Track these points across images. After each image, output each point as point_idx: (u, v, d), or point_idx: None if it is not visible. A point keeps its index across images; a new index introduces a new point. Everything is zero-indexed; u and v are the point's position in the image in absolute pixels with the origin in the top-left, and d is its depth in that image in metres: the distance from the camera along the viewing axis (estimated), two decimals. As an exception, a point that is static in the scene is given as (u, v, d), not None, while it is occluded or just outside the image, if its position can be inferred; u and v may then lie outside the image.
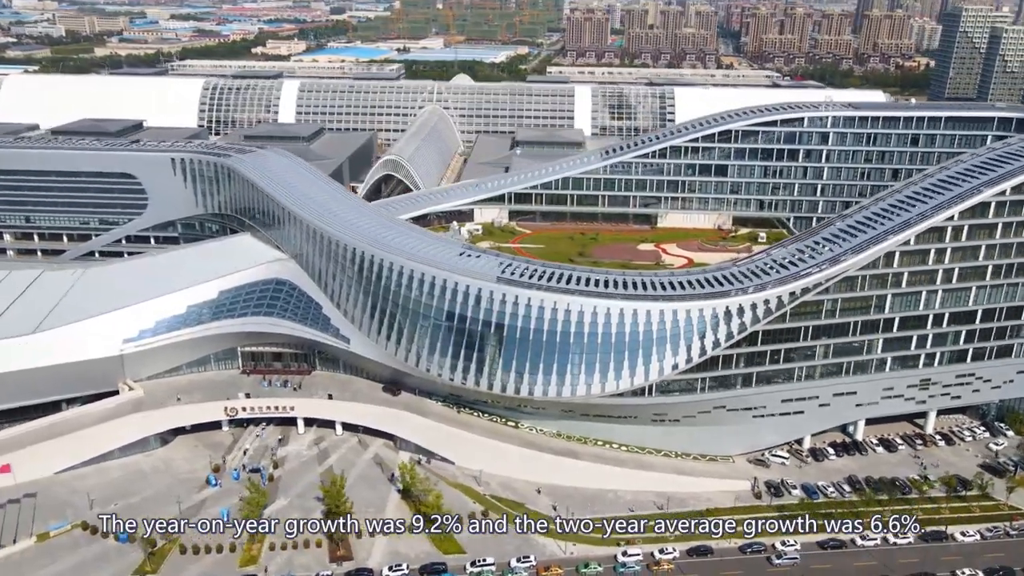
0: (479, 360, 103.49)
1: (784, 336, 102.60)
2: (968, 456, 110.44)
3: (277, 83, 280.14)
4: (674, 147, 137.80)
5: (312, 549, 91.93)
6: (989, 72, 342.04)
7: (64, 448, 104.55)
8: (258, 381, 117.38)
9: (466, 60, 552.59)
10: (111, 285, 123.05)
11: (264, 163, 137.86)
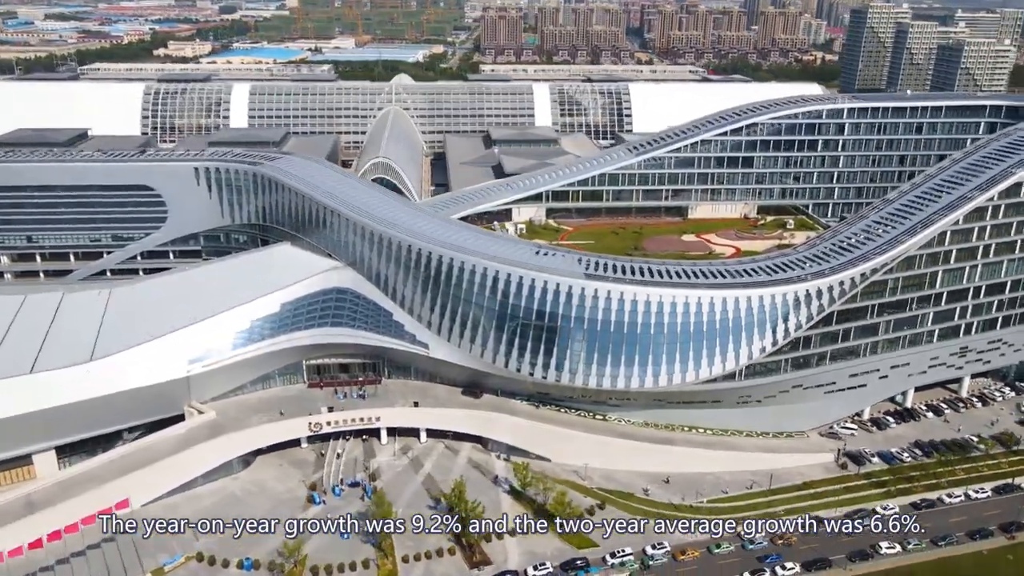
0: (572, 356, 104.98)
1: (854, 315, 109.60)
2: (1004, 415, 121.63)
3: (226, 86, 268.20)
4: (704, 141, 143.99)
5: (446, 557, 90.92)
6: (897, 64, 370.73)
7: (148, 479, 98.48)
8: (330, 394, 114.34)
9: (388, 60, 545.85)
10: (154, 304, 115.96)
11: (301, 169, 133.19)
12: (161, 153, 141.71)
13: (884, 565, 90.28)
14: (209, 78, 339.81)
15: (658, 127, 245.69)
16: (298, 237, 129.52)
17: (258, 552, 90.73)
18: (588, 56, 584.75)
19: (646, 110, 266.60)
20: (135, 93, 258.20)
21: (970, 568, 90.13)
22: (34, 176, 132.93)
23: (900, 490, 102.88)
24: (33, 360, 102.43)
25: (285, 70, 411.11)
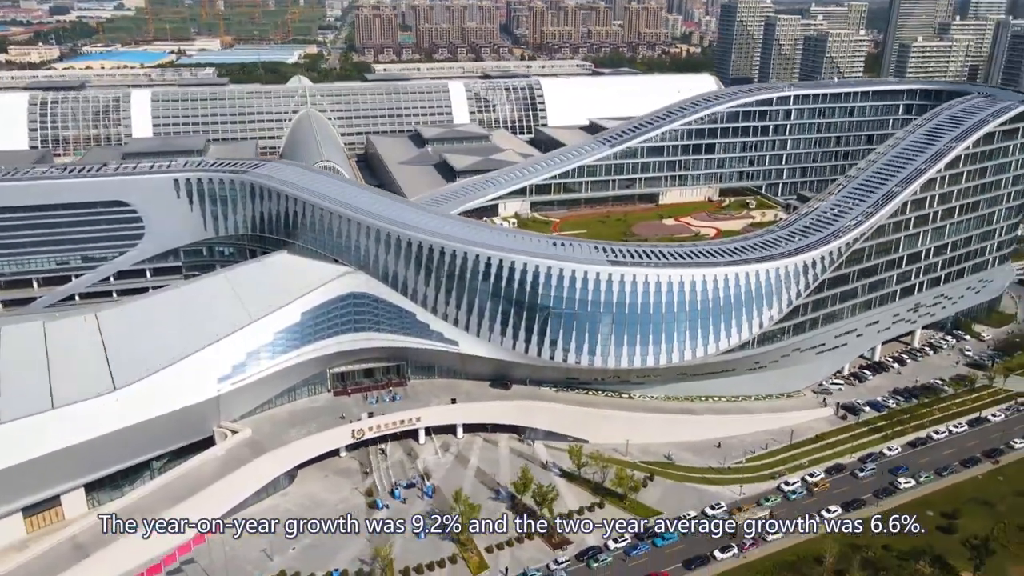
0: (602, 340, 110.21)
1: (839, 282, 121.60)
2: (953, 360, 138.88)
3: (124, 93, 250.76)
4: (673, 130, 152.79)
5: (527, 543, 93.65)
6: (768, 55, 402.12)
7: (199, 505, 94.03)
8: (359, 401, 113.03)
9: (267, 61, 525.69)
10: (159, 324, 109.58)
11: (292, 175, 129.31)
12: (143, 166, 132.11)
13: (906, 498, 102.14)
14: (83, 85, 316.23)
15: (572, 120, 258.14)
16: (294, 244, 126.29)
17: (338, 562, 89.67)
18: (470, 54, 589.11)
19: (559, 104, 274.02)
20: (18, 103, 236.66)
21: (971, 491, 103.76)
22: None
23: (895, 432, 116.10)
24: (48, 394, 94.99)
25: (164, 74, 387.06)
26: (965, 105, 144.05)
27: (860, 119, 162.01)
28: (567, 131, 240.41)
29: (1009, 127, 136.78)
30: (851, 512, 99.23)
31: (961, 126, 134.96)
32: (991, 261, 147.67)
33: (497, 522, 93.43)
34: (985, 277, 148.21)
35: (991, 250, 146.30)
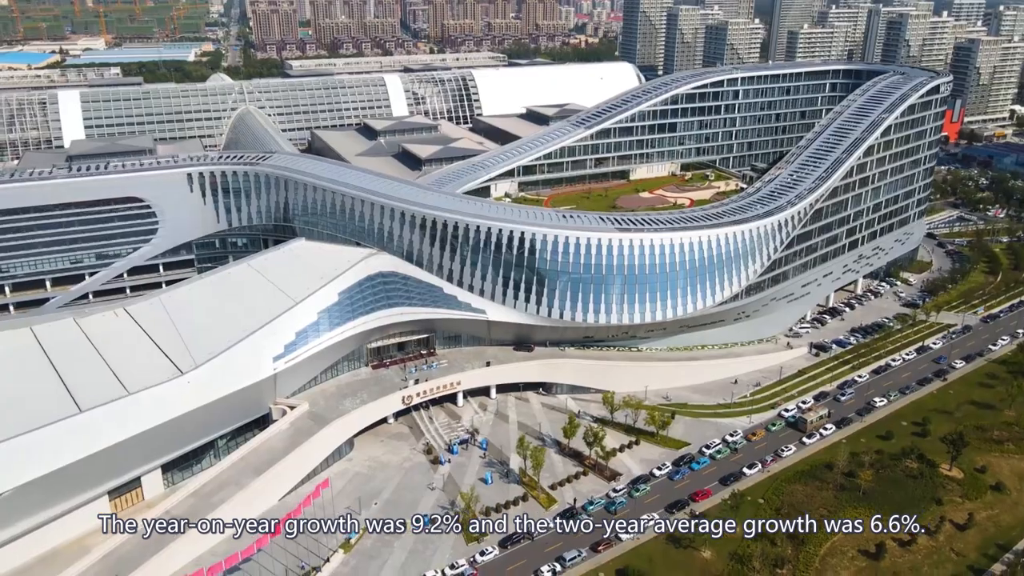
0: (617, 299, 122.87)
1: (805, 237, 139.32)
2: (891, 302, 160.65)
3: (49, 95, 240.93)
4: (641, 112, 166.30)
5: (582, 479, 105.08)
6: (672, 45, 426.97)
7: (282, 473, 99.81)
8: (397, 372, 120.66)
9: (170, 60, 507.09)
10: (201, 312, 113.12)
11: (305, 164, 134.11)
12: (156, 161, 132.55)
13: (882, 414, 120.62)
14: None
15: (506, 109, 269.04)
16: (312, 231, 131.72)
17: (420, 510, 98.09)
18: (375, 48, 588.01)
19: (492, 94, 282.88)
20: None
21: (932, 404, 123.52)
22: (4, 199, 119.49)
23: (861, 363, 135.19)
24: (117, 383, 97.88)
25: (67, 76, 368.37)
26: (887, 82, 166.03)
27: (795, 97, 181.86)
28: (505, 119, 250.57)
29: (926, 99, 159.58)
30: (839, 430, 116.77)
31: (888, 99, 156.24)
32: (912, 216, 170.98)
33: (553, 464, 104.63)
34: (908, 230, 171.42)
35: (912, 206, 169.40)
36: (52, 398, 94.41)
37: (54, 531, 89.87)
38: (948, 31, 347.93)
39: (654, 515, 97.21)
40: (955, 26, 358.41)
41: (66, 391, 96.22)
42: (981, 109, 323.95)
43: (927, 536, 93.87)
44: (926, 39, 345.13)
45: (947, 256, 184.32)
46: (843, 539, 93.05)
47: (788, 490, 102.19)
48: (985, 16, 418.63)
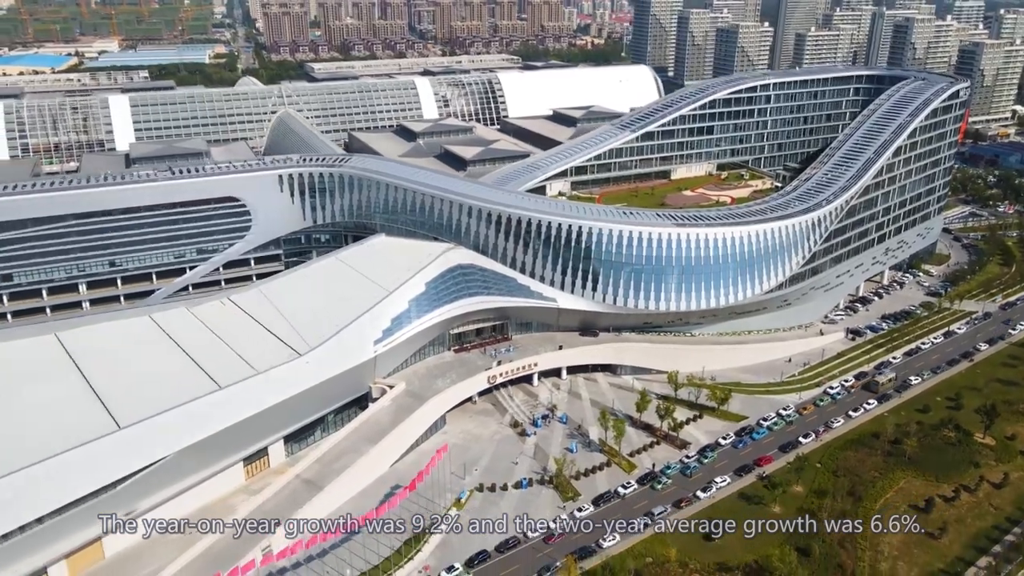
0: (675, 288, 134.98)
1: (840, 231, 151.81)
2: (915, 291, 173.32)
3: (100, 100, 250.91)
4: (681, 116, 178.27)
5: (656, 448, 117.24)
6: (683, 48, 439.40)
7: (391, 443, 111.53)
8: (478, 356, 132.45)
9: (189, 63, 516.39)
10: (302, 301, 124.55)
11: (384, 166, 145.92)
12: (250, 163, 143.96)
13: (918, 390, 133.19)
14: (20, 95, 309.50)
15: (532, 111, 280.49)
16: (392, 227, 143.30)
17: (518, 475, 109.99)
18: (386, 50, 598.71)
19: (517, 97, 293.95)
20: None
21: (961, 382, 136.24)
22: (118, 199, 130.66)
23: (894, 346, 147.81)
24: (244, 363, 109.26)
25: (98, 79, 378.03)
26: (910, 87, 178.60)
27: (821, 101, 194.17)
28: (532, 120, 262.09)
29: (947, 103, 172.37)
30: (881, 405, 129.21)
31: (913, 104, 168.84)
32: (933, 212, 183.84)
33: (628, 436, 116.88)
34: (928, 225, 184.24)
35: (933, 203, 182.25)
36: (191, 376, 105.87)
37: (202, 491, 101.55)
38: (952, 34, 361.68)
39: (725, 477, 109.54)
40: (958, 29, 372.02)
41: (201, 370, 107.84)
42: (985, 109, 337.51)
43: (968, 494, 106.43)
44: (931, 42, 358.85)
45: (963, 249, 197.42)
46: (896, 495, 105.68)
47: (841, 456, 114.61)
48: (985, 19, 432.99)
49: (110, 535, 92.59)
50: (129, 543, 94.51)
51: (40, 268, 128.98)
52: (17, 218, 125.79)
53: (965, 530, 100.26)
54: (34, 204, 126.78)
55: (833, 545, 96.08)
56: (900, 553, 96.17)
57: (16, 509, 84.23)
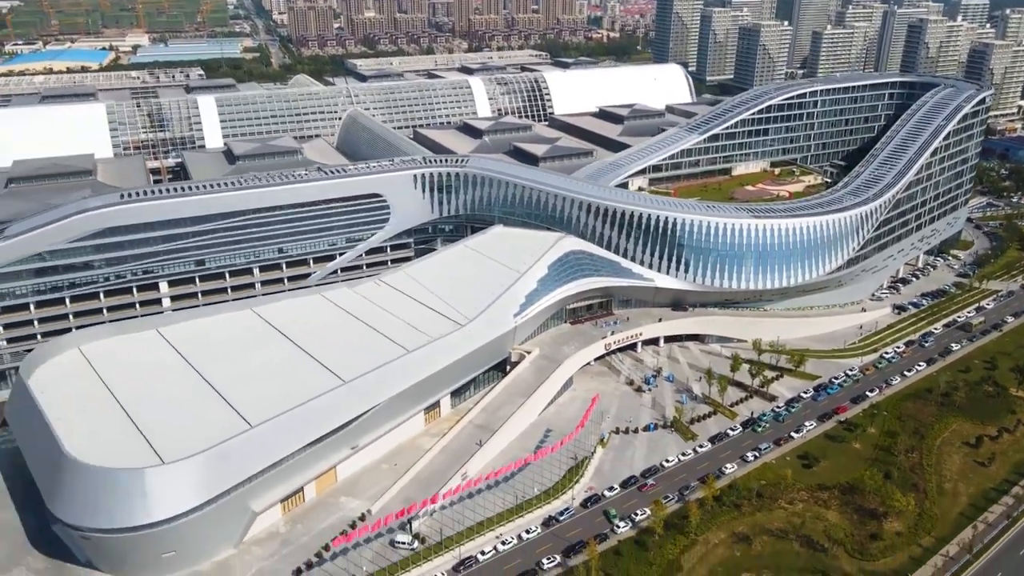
0: (753, 269, 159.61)
1: (887, 221, 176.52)
2: (946, 273, 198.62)
3: (190, 100, 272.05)
4: (742, 119, 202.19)
5: (749, 400, 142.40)
6: (705, 45, 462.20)
7: (537, 397, 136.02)
8: (590, 327, 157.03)
9: (229, 58, 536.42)
10: (447, 281, 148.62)
11: (497, 166, 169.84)
12: (390, 164, 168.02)
13: (958, 355, 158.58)
14: (95, 93, 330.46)
15: (576, 108, 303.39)
16: (509, 219, 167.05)
17: (643, 421, 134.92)
18: (411, 44, 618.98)
19: (562, 95, 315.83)
20: (98, 113, 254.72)
21: (995, 347, 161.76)
22: (288, 196, 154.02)
23: (935, 319, 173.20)
24: (418, 332, 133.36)
25: (159, 76, 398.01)
26: (943, 94, 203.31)
27: (860, 105, 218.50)
28: (580, 117, 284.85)
29: (976, 108, 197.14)
30: (929, 366, 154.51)
31: (946, 110, 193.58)
32: (960, 203, 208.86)
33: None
34: (956, 215, 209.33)
35: (961, 195, 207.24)
36: (381, 342, 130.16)
37: (398, 433, 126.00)
38: (963, 34, 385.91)
39: (811, 422, 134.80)
40: (968, 29, 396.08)
41: (386, 338, 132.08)
42: (993, 106, 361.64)
43: (1008, 433, 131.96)
44: (943, 42, 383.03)
45: (985, 236, 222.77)
46: (950, 435, 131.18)
47: (902, 406, 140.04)
48: (991, 18, 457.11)
49: (341, 464, 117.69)
50: (354, 470, 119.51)
51: (225, 254, 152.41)
52: (208, 213, 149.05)
53: (1008, 460, 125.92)
54: (222, 201, 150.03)
55: (906, 471, 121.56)
56: (959, 476, 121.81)
57: (285, 441, 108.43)
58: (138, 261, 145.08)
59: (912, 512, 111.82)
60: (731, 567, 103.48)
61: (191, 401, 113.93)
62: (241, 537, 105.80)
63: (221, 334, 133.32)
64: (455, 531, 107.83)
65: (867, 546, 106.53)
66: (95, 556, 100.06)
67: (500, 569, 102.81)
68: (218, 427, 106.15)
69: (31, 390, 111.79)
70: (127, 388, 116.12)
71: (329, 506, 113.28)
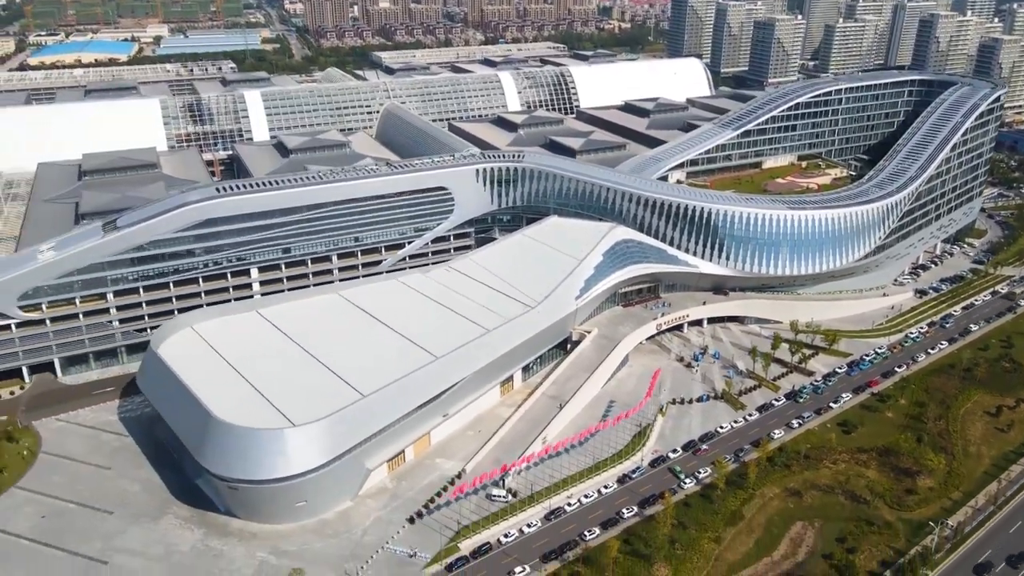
0: (789, 256, 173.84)
1: (910, 212, 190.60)
2: (963, 260, 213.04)
3: (238, 95, 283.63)
4: (773, 116, 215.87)
5: (789, 375, 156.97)
6: (719, 38, 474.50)
7: (600, 372, 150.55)
8: (641, 309, 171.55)
9: (253, 50, 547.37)
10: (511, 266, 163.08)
11: (551, 160, 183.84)
12: (454, 159, 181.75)
13: (976, 335, 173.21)
14: (136, 87, 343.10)
15: (601, 102, 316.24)
16: (563, 210, 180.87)
17: (697, 392, 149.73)
18: (428, 36, 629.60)
19: (587, 89, 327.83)
20: (153, 107, 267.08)
21: (1011, 327, 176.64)
22: (364, 189, 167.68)
23: (954, 302, 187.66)
24: (491, 312, 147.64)
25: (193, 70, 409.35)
26: (960, 93, 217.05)
27: (881, 102, 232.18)
28: (607, 111, 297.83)
29: (991, 106, 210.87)
30: (951, 345, 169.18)
31: (963, 108, 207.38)
32: (975, 195, 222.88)
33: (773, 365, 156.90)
34: (971, 205, 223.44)
35: (975, 188, 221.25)
36: (461, 322, 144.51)
37: (479, 403, 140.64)
38: (972, 29, 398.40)
39: (847, 394, 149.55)
40: (977, 24, 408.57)
41: (463, 318, 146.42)
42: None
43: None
44: (953, 36, 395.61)
45: (997, 225, 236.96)
46: (972, 406, 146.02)
47: (928, 380, 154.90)
48: (999, 12, 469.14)
49: (434, 429, 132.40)
50: (444, 436, 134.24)
51: (308, 243, 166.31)
52: (295, 206, 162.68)
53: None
54: (308, 195, 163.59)
55: (935, 436, 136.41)
56: (981, 441, 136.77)
57: (392, 408, 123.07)
58: (233, 249, 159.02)
59: (942, 470, 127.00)
60: (786, 516, 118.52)
61: (302, 373, 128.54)
62: (357, 491, 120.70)
63: (314, 315, 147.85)
64: (542, 487, 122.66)
65: (904, 499, 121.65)
66: (236, 505, 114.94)
67: (585, 518, 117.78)
68: (334, 396, 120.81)
69: (167, 363, 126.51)
70: (243, 361, 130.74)
71: (427, 466, 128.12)
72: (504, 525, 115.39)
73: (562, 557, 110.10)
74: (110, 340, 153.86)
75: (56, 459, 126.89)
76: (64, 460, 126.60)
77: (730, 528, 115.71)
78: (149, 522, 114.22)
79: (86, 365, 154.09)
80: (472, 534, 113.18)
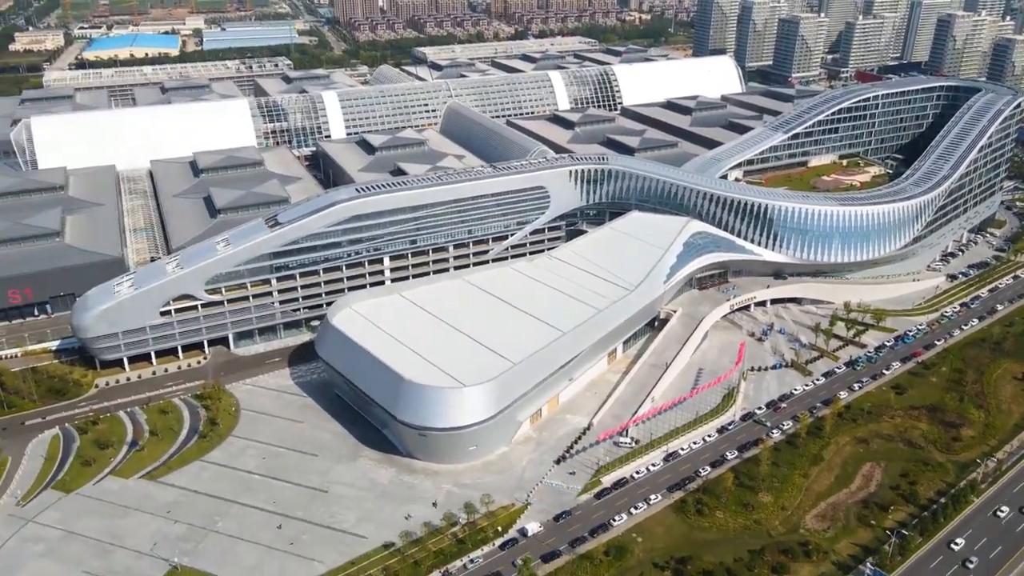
0: (841, 245, 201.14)
1: (943, 207, 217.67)
2: (986, 248, 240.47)
3: (317, 96, 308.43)
4: (819, 120, 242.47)
5: (845, 348, 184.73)
6: (744, 34, 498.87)
7: (688, 345, 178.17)
8: (714, 292, 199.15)
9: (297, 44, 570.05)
10: (606, 254, 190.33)
11: (632, 163, 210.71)
12: (550, 161, 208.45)
13: (1002, 315, 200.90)
14: (208, 84, 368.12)
15: (643, 99, 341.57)
16: (643, 206, 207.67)
17: (769, 362, 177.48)
18: (457, 28, 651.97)
19: (630, 87, 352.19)
20: (243, 108, 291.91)
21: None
22: (476, 189, 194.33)
23: (982, 285, 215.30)
24: (597, 294, 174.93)
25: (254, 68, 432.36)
26: (985, 99, 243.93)
27: (913, 105, 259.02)
28: (650, 108, 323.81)
29: (1013, 112, 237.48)
30: (981, 322, 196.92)
31: (989, 113, 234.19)
32: (997, 189, 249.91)
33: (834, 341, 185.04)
34: (993, 199, 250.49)
35: (997, 183, 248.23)
36: (573, 303, 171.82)
37: (591, 371, 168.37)
38: (986, 28, 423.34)
39: (897, 363, 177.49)
40: (991, 23, 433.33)
41: (574, 299, 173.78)
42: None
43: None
44: (968, 35, 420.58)
45: (1014, 216, 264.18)
46: (1002, 372, 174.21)
47: (964, 351, 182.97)
48: (1010, 10, 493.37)
49: (562, 391, 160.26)
50: (569, 396, 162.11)
51: (431, 235, 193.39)
52: (422, 203, 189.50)
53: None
54: (432, 194, 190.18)
55: (972, 396, 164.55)
56: (1012, 400, 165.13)
57: (536, 373, 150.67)
58: (372, 241, 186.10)
59: (981, 422, 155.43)
60: (857, 458, 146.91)
61: (455, 344, 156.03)
62: (511, 439, 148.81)
63: (448, 296, 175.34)
64: (657, 435, 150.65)
65: (951, 445, 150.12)
66: (419, 449, 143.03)
67: (697, 459, 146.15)
68: (490, 363, 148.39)
69: (347, 333, 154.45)
70: (404, 334, 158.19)
71: (559, 421, 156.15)
72: (633, 465, 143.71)
73: (684, 488, 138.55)
74: (271, 319, 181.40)
75: (256, 415, 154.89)
76: (263, 415, 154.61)
77: (814, 467, 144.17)
78: (349, 462, 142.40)
79: (252, 339, 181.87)
80: (609, 472, 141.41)
